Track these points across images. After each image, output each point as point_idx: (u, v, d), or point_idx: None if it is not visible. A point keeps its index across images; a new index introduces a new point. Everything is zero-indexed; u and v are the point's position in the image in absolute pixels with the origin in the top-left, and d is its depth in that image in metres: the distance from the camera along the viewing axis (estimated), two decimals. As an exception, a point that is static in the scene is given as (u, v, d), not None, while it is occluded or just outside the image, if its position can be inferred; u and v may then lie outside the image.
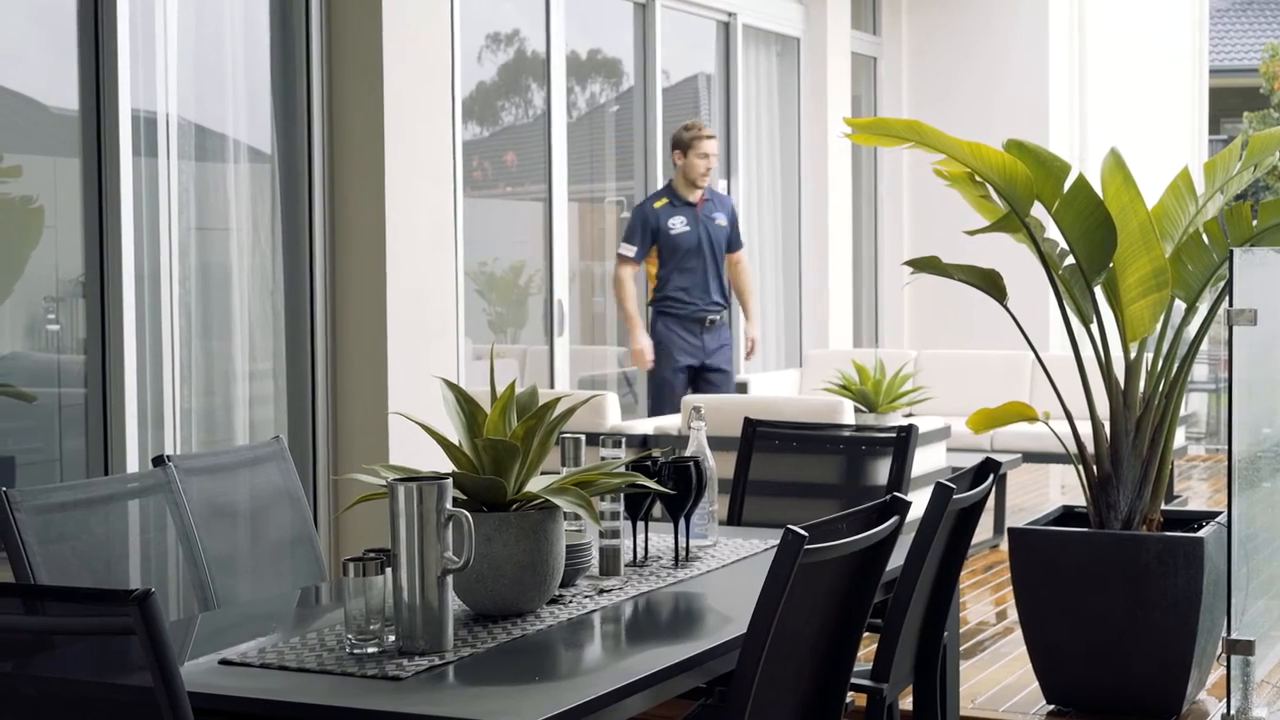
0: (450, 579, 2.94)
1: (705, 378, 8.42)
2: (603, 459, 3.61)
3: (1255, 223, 5.19)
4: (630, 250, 8.18)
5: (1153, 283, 5.05)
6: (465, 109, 7.73)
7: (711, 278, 8.29)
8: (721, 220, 8.32)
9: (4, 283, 5.72)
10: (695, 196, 8.21)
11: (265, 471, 4.20)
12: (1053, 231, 5.16)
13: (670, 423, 7.64)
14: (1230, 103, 22.23)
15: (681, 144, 8.16)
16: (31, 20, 5.82)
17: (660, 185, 9.41)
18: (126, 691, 2.40)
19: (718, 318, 8.41)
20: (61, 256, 5.81)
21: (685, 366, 8.36)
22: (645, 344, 8.25)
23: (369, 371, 6.36)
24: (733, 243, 8.44)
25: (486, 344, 8.45)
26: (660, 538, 4.03)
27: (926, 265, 5.37)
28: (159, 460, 3.90)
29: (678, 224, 8.17)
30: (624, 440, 3.80)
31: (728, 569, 3.80)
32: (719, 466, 3.98)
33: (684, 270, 8.25)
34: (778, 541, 2.71)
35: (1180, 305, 5.32)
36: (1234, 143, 5.26)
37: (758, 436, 4.85)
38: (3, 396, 5.68)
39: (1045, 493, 10.39)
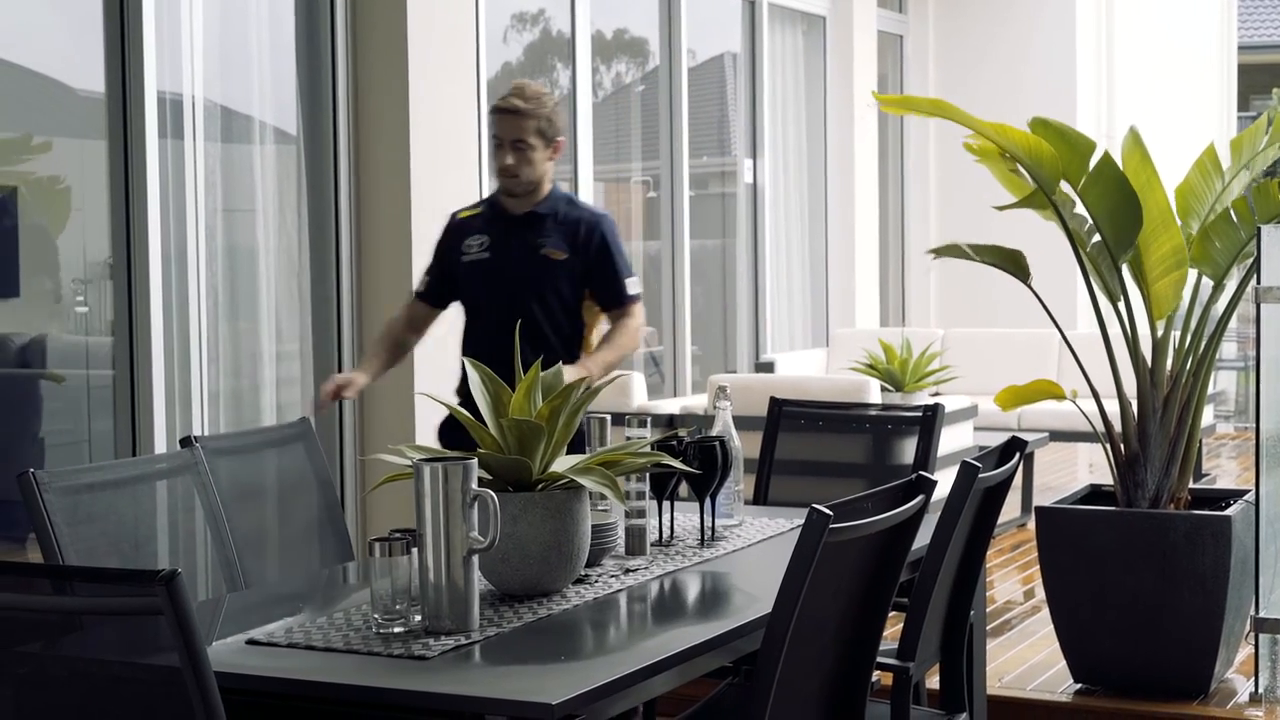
0: (476, 559, 2.95)
1: None
2: (628, 439, 3.61)
3: (1283, 199, 5.16)
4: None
5: (1172, 261, 5.03)
6: (490, 89, 7.72)
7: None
8: (555, 251, 4.83)
9: (33, 265, 5.75)
10: (516, 205, 4.88)
11: (292, 452, 4.21)
12: (1080, 208, 5.14)
13: (696, 403, 7.64)
14: (1260, 79, 22.10)
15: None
16: (57, 3, 5.83)
17: (685, 166, 9.39)
18: (154, 671, 2.41)
19: None
20: (89, 238, 5.84)
21: None
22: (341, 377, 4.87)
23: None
24: (600, 293, 4.90)
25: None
26: (686, 517, 4.03)
27: (949, 252, 5.36)
28: (186, 441, 3.91)
29: (475, 245, 4.90)
30: (649, 420, 3.81)
31: (753, 548, 3.80)
32: (745, 446, 3.98)
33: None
34: (803, 521, 2.71)
35: (1208, 282, 5.30)
36: (1260, 119, 5.23)
37: (784, 416, 4.85)
38: (32, 378, 5.70)
39: (1073, 471, 10.37)
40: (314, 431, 4.30)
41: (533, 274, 4.81)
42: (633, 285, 4.96)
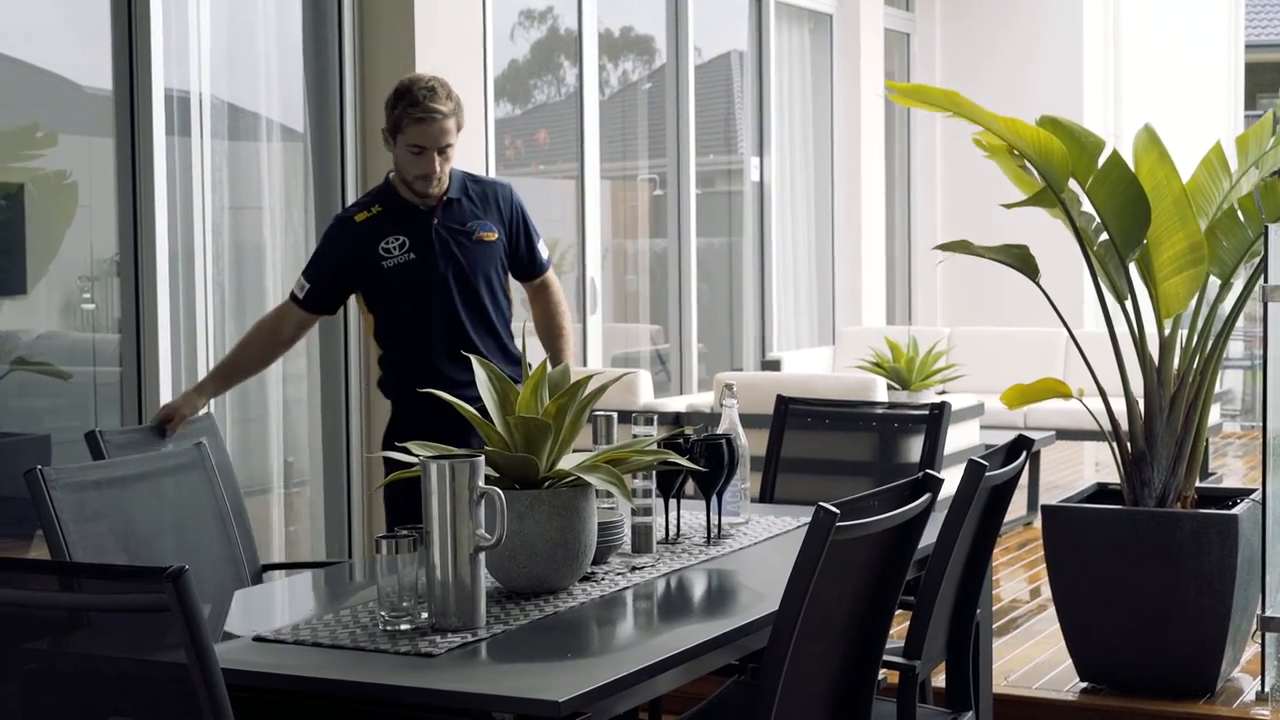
0: (483, 556, 2.95)
1: None
2: (635, 436, 3.62)
3: (1291, 198, 5.14)
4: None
5: (1188, 259, 5.02)
6: (497, 87, 7.72)
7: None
8: (486, 233, 4.64)
9: (40, 262, 5.75)
10: (423, 201, 4.57)
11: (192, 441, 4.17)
12: (1088, 206, 5.14)
13: (702, 401, 7.63)
14: (1267, 78, 22.07)
15: (390, 123, 4.56)
16: (64, 0, 5.84)
17: (692, 163, 9.39)
18: (161, 668, 2.41)
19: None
20: (96, 236, 5.84)
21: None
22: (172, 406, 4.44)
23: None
24: (521, 263, 4.77)
25: (519, 322, 8.44)
26: (692, 515, 4.03)
27: (957, 248, 5.35)
28: (91, 436, 3.94)
29: (395, 246, 4.54)
30: (656, 418, 3.81)
31: (760, 546, 3.80)
32: (751, 444, 3.98)
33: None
34: (809, 519, 2.71)
35: (1215, 281, 5.29)
36: (1265, 116, 5.22)
37: (790, 414, 4.85)
38: (39, 375, 5.71)
39: (1079, 470, 10.37)
40: (215, 427, 4.25)
41: (471, 262, 4.56)
42: (544, 248, 4.81)
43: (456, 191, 4.59)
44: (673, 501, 3.83)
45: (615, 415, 3.78)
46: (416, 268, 4.52)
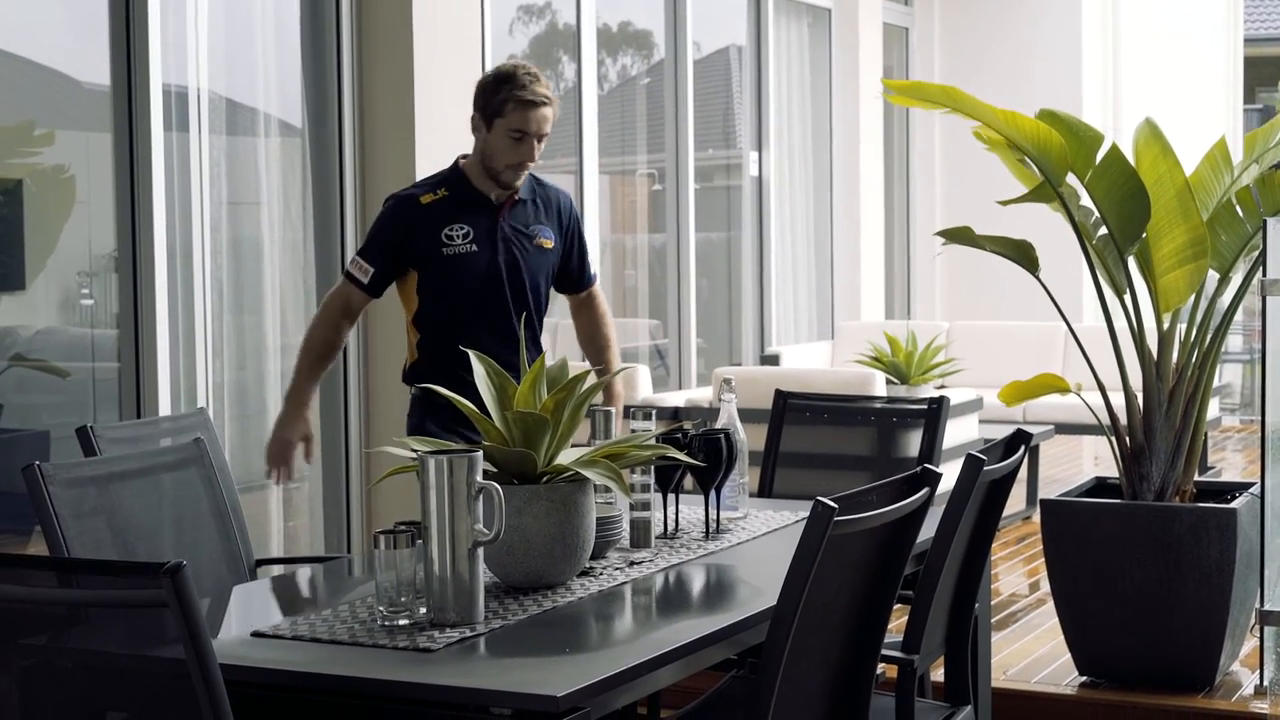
0: (481, 551, 2.95)
1: None
2: (633, 431, 3.61)
3: (1289, 191, 5.14)
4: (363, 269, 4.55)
5: (1189, 252, 5.02)
6: (495, 82, 7.70)
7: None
8: (546, 239, 4.59)
9: (38, 258, 5.75)
10: (498, 194, 4.50)
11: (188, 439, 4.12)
12: (1086, 201, 5.14)
13: (701, 396, 7.63)
14: (1266, 72, 22.05)
15: (489, 108, 4.44)
16: (63, -5, 5.84)
17: (691, 158, 9.39)
18: (159, 663, 2.41)
19: None
20: (94, 231, 5.84)
21: None
22: (292, 434, 4.55)
23: (399, 344, 6.36)
24: (571, 275, 4.73)
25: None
26: (691, 510, 4.03)
27: (958, 236, 5.34)
28: (83, 431, 3.90)
29: (458, 235, 4.45)
30: (655, 412, 3.80)
31: (758, 541, 3.80)
32: (750, 438, 3.98)
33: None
34: (808, 513, 2.71)
35: (1213, 275, 5.29)
36: (1278, 116, 5.22)
37: (789, 408, 4.84)
38: (37, 371, 5.71)
39: (1078, 464, 10.37)
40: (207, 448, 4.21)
41: (527, 265, 4.49)
42: (593, 262, 4.79)
43: (525, 193, 4.53)
44: (671, 496, 3.83)
45: (614, 410, 3.77)
46: (476, 261, 4.43)
